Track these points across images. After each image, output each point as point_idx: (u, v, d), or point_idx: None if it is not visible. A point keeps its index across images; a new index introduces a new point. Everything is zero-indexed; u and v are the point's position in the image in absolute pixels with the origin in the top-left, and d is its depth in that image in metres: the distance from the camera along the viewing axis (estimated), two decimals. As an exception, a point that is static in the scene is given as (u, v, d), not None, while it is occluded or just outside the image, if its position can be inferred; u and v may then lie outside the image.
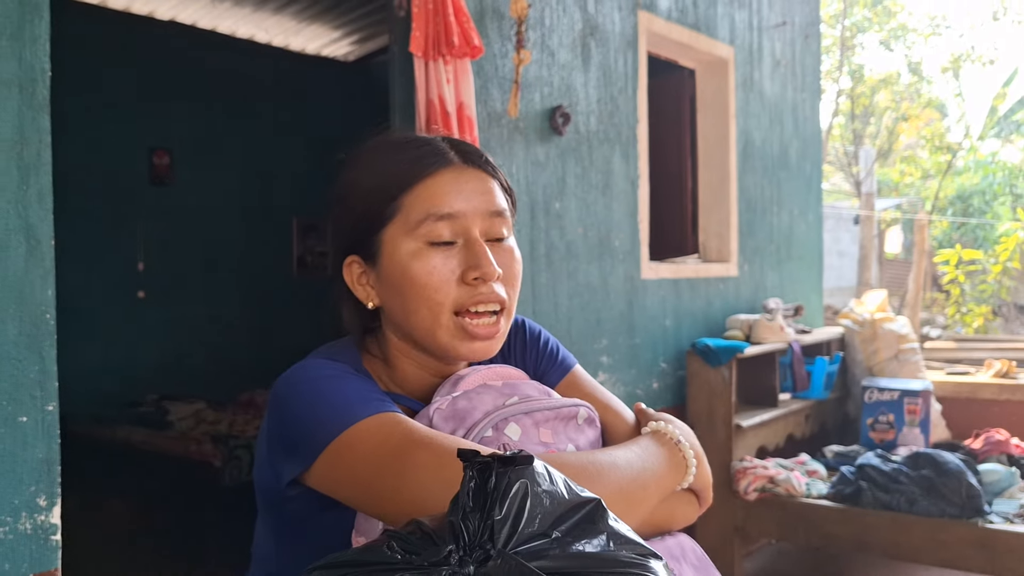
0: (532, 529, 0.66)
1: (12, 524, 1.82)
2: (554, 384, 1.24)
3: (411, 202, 1.09)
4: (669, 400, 4.46)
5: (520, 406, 1.06)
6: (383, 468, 0.96)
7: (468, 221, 1.09)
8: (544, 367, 1.26)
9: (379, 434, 0.98)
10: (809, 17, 6.11)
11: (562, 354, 1.28)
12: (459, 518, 0.66)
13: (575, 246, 3.87)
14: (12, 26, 1.85)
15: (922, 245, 9.69)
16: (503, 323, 1.11)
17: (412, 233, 1.08)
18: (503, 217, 1.12)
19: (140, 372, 5.98)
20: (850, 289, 15.11)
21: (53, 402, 1.90)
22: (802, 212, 5.95)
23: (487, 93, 3.41)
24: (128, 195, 6.02)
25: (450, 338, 1.09)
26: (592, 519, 0.69)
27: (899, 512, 3.80)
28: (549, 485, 0.68)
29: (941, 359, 6.43)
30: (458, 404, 1.06)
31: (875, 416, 4.80)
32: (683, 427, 1.15)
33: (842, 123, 17.96)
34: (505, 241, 1.13)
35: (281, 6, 6.01)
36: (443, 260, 1.08)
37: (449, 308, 1.08)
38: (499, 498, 0.65)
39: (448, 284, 1.07)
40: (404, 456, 0.95)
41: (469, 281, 1.07)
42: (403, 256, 1.08)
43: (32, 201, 1.87)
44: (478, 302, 1.08)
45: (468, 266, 1.07)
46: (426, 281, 1.07)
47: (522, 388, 1.11)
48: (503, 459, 0.67)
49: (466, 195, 1.09)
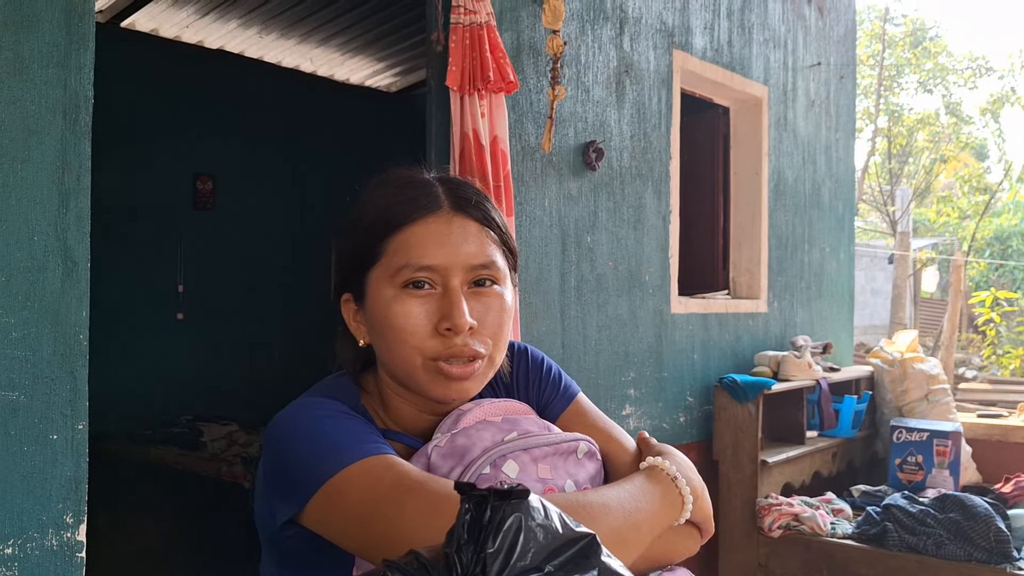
0: (524, 563, 0.65)
1: (39, 540, 1.84)
2: (558, 413, 1.24)
3: (395, 247, 1.09)
4: (695, 435, 4.46)
5: (518, 442, 1.06)
6: (374, 514, 0.95)
7: (448, 272, 1.08)
8: (548, 396, 1.26)
9: (369, 478, 0.97)
10: (845, 58, 6.14)
11: (565, 382, 1.28)
12: (453, 550, 0.66)
13: (605, 279, 3.91)
14: (59, 54, 1.92)
15: (958, 285, 9.62)
16: (479, 365, 1.10)
17: (392, 279, 1.08)
18: (489, 268, 1.11)
19: (176, 392, 6.06)
20: (883, 328, 14.98)
21: (83, 421, 1.93)
22: (833, 250, 5.95)
23: (522, 127, 3.48)
24: (172, 219, 6.13)
25: (427, 380, 1.09)
26: (586, 554, 0.68)
27: (925, 555, 3.76)
28: (544, 519, 0.68)
29: (976, 400, 6.38)
30: (457, 441, 1.07)
31: (903, 457, 4.77)
32: (682, 460, 1.14)
33: (879, 162, 17.87)
34: (493, 287, 1.11)
35: (326, 38, 6.14)
36: (420, 307, 1.08)
37: (423, 355, 1.08)
38: (493, 531, 0.66)
39: (423, 330, 1.07)
40: (395, 503, 0.94)
41: (441, 331, 1.07)
42: (384, 300, 1.09)
43: (71, 224, 1.92)
44: (451, 355, 1.07)
45: (441, 316, 1.07)
46: (402, 326, 1.07)
47: (522, 424, 1.11)
48: (499, 492, 0.67)
49: (450, 245, 1.08)
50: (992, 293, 9.46)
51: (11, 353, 1.83)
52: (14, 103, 1.85)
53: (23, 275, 1.85)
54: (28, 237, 1.86)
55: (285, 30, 5.97)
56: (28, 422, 1.85)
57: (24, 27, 1.87)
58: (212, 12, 5.64)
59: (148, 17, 5.70)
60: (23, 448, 1.84)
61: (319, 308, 7.05)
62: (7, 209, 1.83)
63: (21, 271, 1.85)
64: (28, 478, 1.84)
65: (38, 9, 1.89)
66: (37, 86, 1.89)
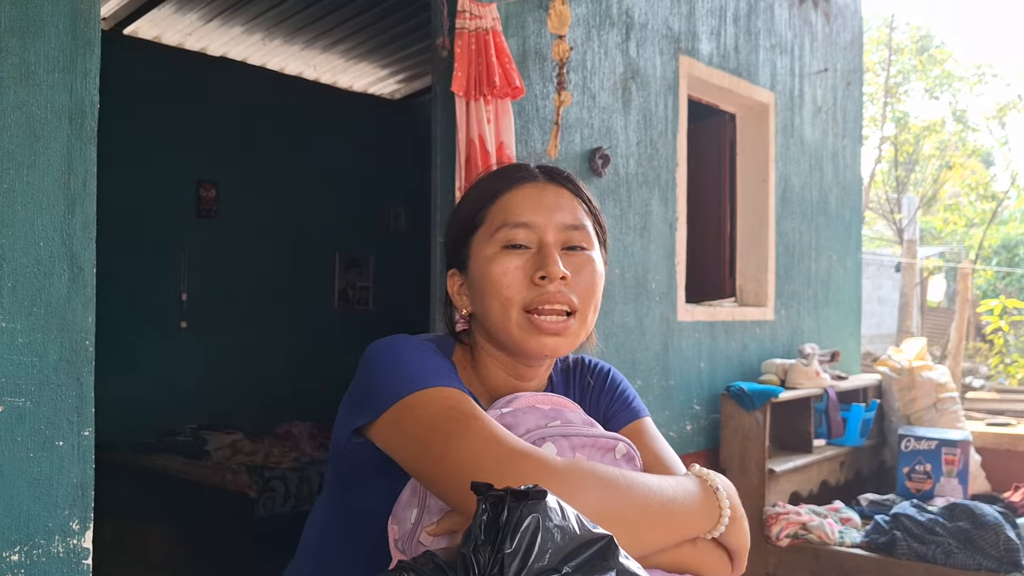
0: (542, 564, 0.66)
1: (45, 547, 1.84)
2: (620, 427, 1.27)
3: (494, 213, 1.20)
4: (702, 443, 4.44)
5: (559, 428, 1.10)
6: (437, 431, 1.03)
7: (542, 230, 1.18)
8: (614, 410, 1.31)
9: (442, 402, 1.06)
10: (851, 64, 6.13)
11: (635, 403, 1.33)
12: (470, 550, 0.66)
13: (612, 287, 3.89)
14: (65, 59, 1.92)
15: (965, 294, 9.59)
16: (573, 323, 1.17)
17: (491, 239, 1.18)
18: (580, 230, 1.20)
19: (180, 401, 6.05)
20: (890, 336, 14.94)
21: (89, 428, 1.93)
22: (841, 258, 5.93)
23: (528, 133, 3.47)
24: (175, 227, 6.13)
25: (520, 332, 1.16)
26: (603, 555, 0.69)
27: (934, 564, 3.74)
28: (561, 520, 0.69)
29: (983, 409, 6.34)
30: (504, 419, 1.10)
31: (912, 465, 4.75)
32: (726, 483, 1.15)
33: (885, 170, 17.85)
34: (584, 252, 1.20)
35: (329, 45, 6.14)
36: (517, 263, 1.17)
37: (519, 305, 1.16)
38: (510, 532, 0.66)
39: (519, 283, 1.16)
40: (458, 424, 1.02)
41: (536, 281, 1.15)
42: (484, 259, 1.18)
43: (76, 230, 1.92)
44: (544, 301, 1.15)
45: (536, 268, 1.15)
46: (499, 279, 1.16)
47: (566, 414, 1.15)
48: (516, 493, 0.67)
49: (544, 207, 1.19)
50: (1001, 301, 9.42)
51: (17, 359, 1.82)
52: (20, 108, 1.84)
53: (29, 281, 1.84)
54: (34, 243, 1.85)
55: (288, 36, 5.97)
56: (34, 428, 1.84)
57: (30, 32, 1.86)
58: (215, 19, 5.65)
59: (151, 24, 5.70)
60: (29, 454, 1.83)
61: (323, 315, 7.03)
62: (13, 214, 1.82)
63: (27, 277, 1.84)
64: (34, 484, 1.83)
65: (44, 14, 1.89)
66: (43, 91, 1.88)
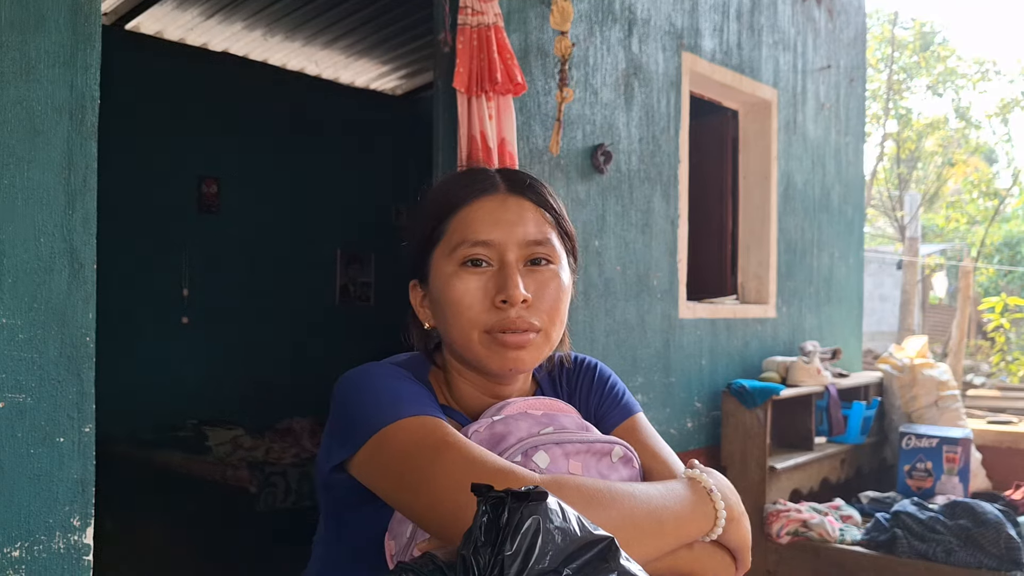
0: (542, 566, 0.65)
1: (46, 543, 1.84)
2: (612, 426, 1.25)
3: (454, 226, 1.15)
4: (703, 440, 4.44)
5: (553, 436, 1.08)
6: (413, 464, 1.01)
7: (503, 247, 1.13)
8: (605, 408, 1.28)
9: (417, 432, 1.04)
10: (854, 61, 6.12)
11: (626, 399, 1.30)
12: (470, 552, 0.66)
13: (613, 284, 3.89)
14: (65, 54, 1.91)
15: (967, 291, 9.58)
16: (537, 338, 1.14)
17: (451, 255, 1.14)
18: (543, 244, 1.15)
19: (181, 397, 6.05)
20: (892, 334, 14.93)
21: (90, 423, 1.92)
22: (843, 255, 5.92)
23: (529, 129, 3.46)
24: (176, 222, 6.12)
25: (484, 350, 1.14)
26: (604, 557, 0.68)
27: (935, 562, 3.74)
28: (562, 522, 0.68)
29: (984, 407, 6.34)
30: (495, 428, 1.09)
31: (912, 463, 4.74)
32: (725, 483, 1.13)
33: (887, 167, 17.83)
34: (548, 266, 1.16)
35: (331, 41, 6.13)
36: (477, 283, 1.13)
37: (480, 328, 1.13)
38: (511, 533, 0.66)
39: (480, 305, 1.13)
40: (434, 455, 1.00)
41: (497, 304, 1.12)
42: (444, 276, 1.15)
43: (77, 225, 1.91)
44: (505, 327, 1.12)
45: (497, 289, 1.12)
46: (460, 300, 1.13)
47: (559, 419, 1.13)
48: (516, 494, 0.67)
49: (505, 222, 1.14)
50: (1003, 299, 9.41)
51: (18, 355, 1.81)
52: (20, 103, 1.83)
53: (29, 276, 1.84)
54: (34, 238, 1.85)
55: (290, 32, 5.96)
56: (35, 424, 1.83)
57: (30, 27, 1.86)
58: (217, 14, 5.64)
59: (153, 19, 5.70)
60: (30, 450, 1.82)
61: (324, 311, 7.03)
62: (13, 210, 1.82)
63: (27, 272, 1.83)
64: (35, 481, 1.83)
65: (44, 9, 1.88)
66: (43, 86, 1.87)
